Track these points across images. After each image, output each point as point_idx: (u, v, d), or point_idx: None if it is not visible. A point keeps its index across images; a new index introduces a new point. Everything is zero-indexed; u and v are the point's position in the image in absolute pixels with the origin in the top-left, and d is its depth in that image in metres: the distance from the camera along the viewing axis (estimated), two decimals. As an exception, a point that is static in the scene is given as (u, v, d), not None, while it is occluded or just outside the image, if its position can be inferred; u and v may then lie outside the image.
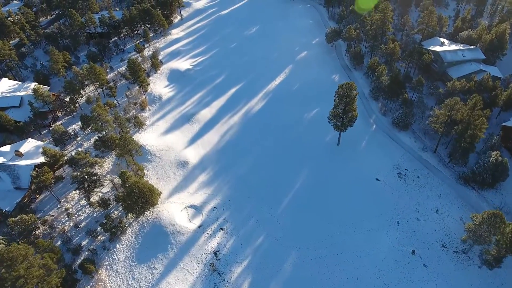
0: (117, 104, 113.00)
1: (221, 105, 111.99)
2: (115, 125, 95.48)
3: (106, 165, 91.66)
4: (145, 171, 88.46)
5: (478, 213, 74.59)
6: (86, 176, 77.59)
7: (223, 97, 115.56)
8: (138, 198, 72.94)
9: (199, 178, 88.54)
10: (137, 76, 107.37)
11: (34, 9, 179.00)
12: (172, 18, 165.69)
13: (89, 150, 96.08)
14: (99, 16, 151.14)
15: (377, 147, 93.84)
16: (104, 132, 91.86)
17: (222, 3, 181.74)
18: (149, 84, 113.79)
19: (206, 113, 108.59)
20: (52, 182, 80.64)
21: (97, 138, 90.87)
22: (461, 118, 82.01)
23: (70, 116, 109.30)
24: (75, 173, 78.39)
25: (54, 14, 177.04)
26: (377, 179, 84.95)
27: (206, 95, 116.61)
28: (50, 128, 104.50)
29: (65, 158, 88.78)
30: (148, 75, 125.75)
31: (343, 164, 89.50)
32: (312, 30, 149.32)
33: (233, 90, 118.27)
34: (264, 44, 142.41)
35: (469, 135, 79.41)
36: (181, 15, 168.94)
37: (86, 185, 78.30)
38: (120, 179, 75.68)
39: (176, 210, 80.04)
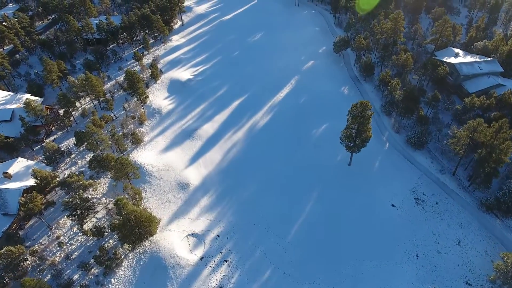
0: (114, 118, 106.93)
1: (224, 119, 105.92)
2: (111, 143, 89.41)
3: (101, 187, 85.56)
4: (143, 194, 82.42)
5: (504, 245, 68.88)
6: (78, 203, 71.48)
7: (226, 110, 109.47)
8: (135, 227, 66.97)
9: (201, 201, 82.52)
10: (135, 88, 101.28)
11: (30, 13, 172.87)
12: (172, 24, 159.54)
13: (83, 169, 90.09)
14: (97, 21, 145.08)
15: (391, 168, 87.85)
16: (99, 151, 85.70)
17: (225, 7, 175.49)
18: (147, 97, 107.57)
19: (208, 128, 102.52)
20: (43, 208, 74.55)
21: (91, 157, 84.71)
22: (484, 140, 75.97)
23: (64, 131, 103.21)
24: (67, 199, 72.26)
25: (50, 18, 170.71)
26: (393, 205, 79.00)
27: (208, 108, 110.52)
28: (43, 144, 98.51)
29: (57, 179, 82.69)
30: (147, 86, 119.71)
31: (355, 187, 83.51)
32: (319, 38, 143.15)
33: (236, 103, 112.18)
34: (269, 52, 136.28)
35: (493, 160, 73.44)
36: (182, 20, 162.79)
37: (78, 212, 72.19)
38: (115, 207, 69.59)
39: (176, 239, 74.02)
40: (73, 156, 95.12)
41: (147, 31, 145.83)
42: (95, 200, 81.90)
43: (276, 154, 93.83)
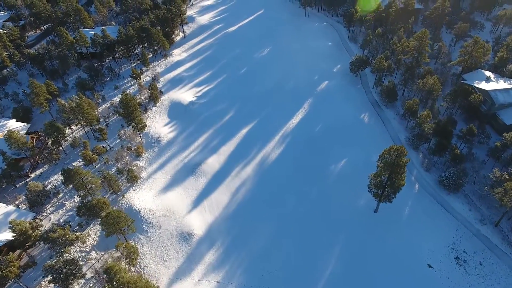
0: (109, 148, 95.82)
1: (231, 151, 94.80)
2: (102, 185, 78.34)
3: (91, 237, 74.45)
4: (139, 248, 71.42)
5: None
6: (62, 267, 60.44)
7: (233, 140, 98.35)
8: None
9: (206, 257, 71.42)
10: (131, 117, 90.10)
11: (22, 22, 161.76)
12: (173, 36, 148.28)
13: (71, 213, 79.06)
14: (93, 33, 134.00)
15: (424, 216, 76.84)
16: (89, 197, 74.58)
17: (229, 17, 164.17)
18: (145, 126, 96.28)
19: (214, 162, 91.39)
20: (21, 271, 63.50)
21: (80, 204, 73.51)
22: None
23: (52, 164, 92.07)
24: (49, 263, 61.14)
25: (43, 28, 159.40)
26: (430, 266, 67.95)
27: (213, 137, 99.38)
28: (27, 180, 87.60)
29: (40, 229, 71.60)
30: (146, 109, 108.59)
31: (384, 239, 72.55)
32: (332, 54, 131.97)
33: (244, 131, 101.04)
34: (278, 70, 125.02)
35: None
36: (183, 32, 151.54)
37: (62, 277, 61.14)
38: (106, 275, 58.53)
39: (178, 309, 63.02)
40: (60, 196, 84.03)
41: (146, 45, 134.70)
42: (84, 254, 70.87)
43: (290, 194, 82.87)
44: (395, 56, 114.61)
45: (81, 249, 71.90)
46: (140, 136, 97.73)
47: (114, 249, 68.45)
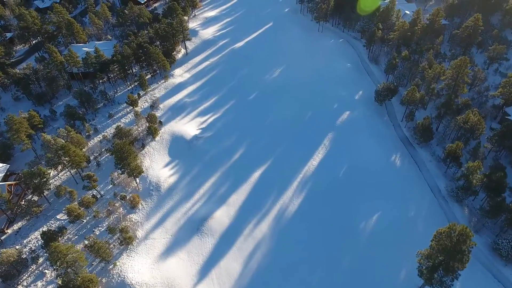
0: (99, 196, 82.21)
1: (242, 202, 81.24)
2: (87, 260, 64.86)
3: (74, 324, 60.76)
4: None
5: None
6: None
7: (244, 185, 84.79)
8: None
9: None
10: (125, 164, 76.39)
11: (10, 34, 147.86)
12: (175, 52, 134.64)
13: (51, 286, 65.43)
14: (86, 49, 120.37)
15: (478, 296, 63.47)
16: (72, 276, 60.89)
17: (235, 31, 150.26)
18: (142, 172, 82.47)
19: (222, 217, 77.78)
20: None
21: (60, 284, 59.87)
22: None
23: (33, 217, 78.41)
24: None
25: (32, 43, 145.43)
26: None
27: (221, 182, 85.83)
28: (2, 238, 74.12)
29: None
30: (143, 145, 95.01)
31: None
32: (352, 78, 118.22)
33: (257, 174, 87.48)
34: (292, 96, 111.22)
35: None
36: (186, 48, 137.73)
37: None
38: None
39: None
40: (40, 261, 70.41)
41: (144, 64, 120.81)
42: None
43: (315, 262, 69.46)
44: (426, 84, 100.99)
45: None
46: (136, 182, 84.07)
47: None
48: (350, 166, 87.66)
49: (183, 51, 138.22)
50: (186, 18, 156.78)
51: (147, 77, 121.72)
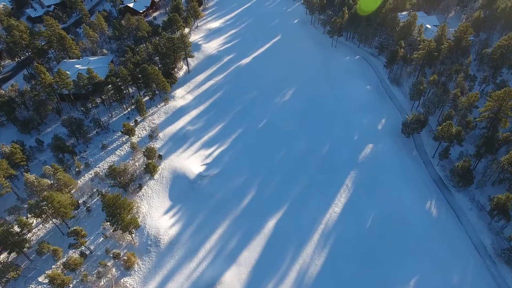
0: (89, 252, 70.59)
1: (256, 260, 69.70)
2: None
3: None
4: None
5: None
6: None
7: (256, 239, 73.25)
8: None
9: None
10: (117, 220, 64.73)
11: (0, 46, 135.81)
12: (176, 70, 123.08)
13: None
14: (79, 66, 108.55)
15: None
16: None
17: (241, 45, 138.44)
18: (138, 227, 70.81)
19: (233, 281, 66.26)
20: None
21: None
22: None
23: (10, 281, 66.70)
24: None
25: (20, 59, 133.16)
26: None
27: (230, 234, 74.29)
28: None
29: None
30: (140, 186, 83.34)
31: None
32: (373, 104, 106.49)
33: (271, 224, 75.92)
34: (307, 125, 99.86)
35: None
36: (188, 65, 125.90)
37: None
38: None
39: None
40: None
41: (142, 84, 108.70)
42: None
43: None
44: (460, 115, 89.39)
45: None
46: (132, 236, 72.36)
47: None
48: (378, 215, 76.24)
49: (185, 68, 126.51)
50: (187, 30, 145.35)
51: (145, 99, 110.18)
